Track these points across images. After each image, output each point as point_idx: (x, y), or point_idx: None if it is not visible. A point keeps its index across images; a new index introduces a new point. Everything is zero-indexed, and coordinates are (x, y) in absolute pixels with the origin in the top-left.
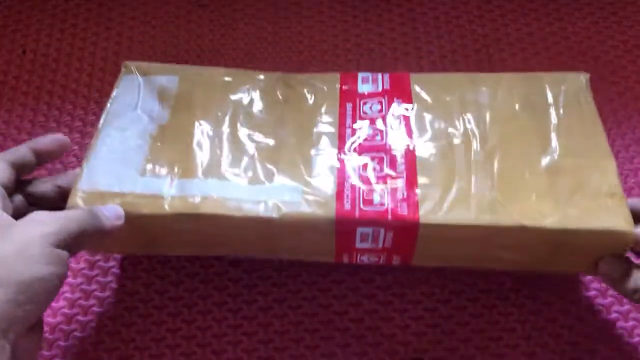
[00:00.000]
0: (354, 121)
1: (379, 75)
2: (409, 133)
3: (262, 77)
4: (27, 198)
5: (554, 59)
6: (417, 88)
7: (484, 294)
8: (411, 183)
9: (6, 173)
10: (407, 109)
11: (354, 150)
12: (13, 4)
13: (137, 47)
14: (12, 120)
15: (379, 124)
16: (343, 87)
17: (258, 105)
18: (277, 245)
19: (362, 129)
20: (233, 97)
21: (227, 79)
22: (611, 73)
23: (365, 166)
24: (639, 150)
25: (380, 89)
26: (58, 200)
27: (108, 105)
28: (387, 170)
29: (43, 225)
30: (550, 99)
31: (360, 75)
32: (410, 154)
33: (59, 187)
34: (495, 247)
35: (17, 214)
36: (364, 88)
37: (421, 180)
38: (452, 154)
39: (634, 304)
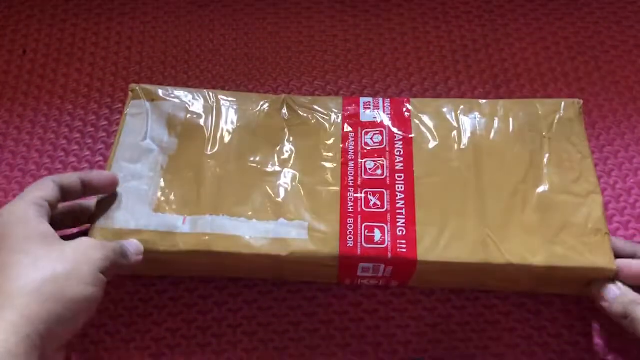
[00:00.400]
0: (355, 154)
1: (380, 101)
2: (409, 167)
3: (266, 100)
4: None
5: (554, 59)
6: (416, 117)
7: (484, 293)
8: (410, 220)
9: (54, 192)
10: (407, 142)
11: (356, 185)
12: (13, 4)
13: (137, 47)
14: (12, 121)
15: (380, 156)
16: (345, 115)
17: (264, 133)
18: (284, 273)
19: (364, 162)
20: (239, 124)
21: (232, 103)
22: (611, 73)
23: (367, 202)
24: (638, 150)
25: (381, 117)
26: (72, 223)
27: (118, 135)
28: (387, 207)
29: (94, 250)
30: (544, 130)
31: (362, 100)
32: (409, 189)
33: (77, 215)
34: (487, 278)
35: None
36: (365, 116)
37: (419, 216)
38: (449, 189)
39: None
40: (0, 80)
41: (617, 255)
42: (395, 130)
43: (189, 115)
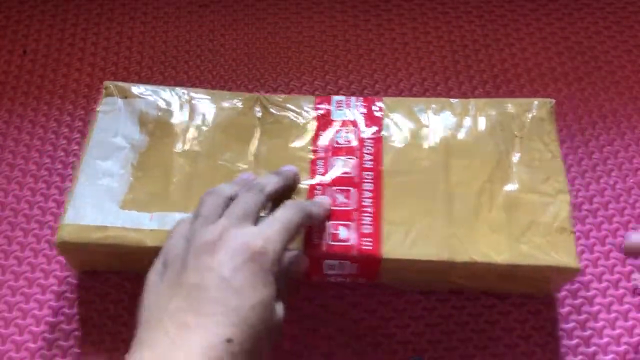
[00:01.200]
0: (326, 153)
1: (352, 100)
2: (378, 166)
3: (239, 99)
4: None
5: (554, 59)
6: (388, 116)
7: (483, 293)
8: (377, 218)
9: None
10: (377, 140)
11: (326, 183)
12: (13, 4)
13: (137, 47)
14: (13, 121)
15: (351, 155)
16: (318, 113)
17: (235, 131)
18: None
19: (334, 160)
20: (211, 123)
21: (205, 101)
22: (611, 73)
23: (334, 200)
24: (638, 151)
25: (352, 116)
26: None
27: (90, 133)
28: (355, 205)
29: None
30: (515, 129)
31: (335, 99)
32: (378, 188)
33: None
34: (453, 276)
35: None
36: (337, 115)
37: (387, 215)
38: (417, 188)
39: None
40: (0, 80)
41: None
42: (366, 129)
43: (160, 113)
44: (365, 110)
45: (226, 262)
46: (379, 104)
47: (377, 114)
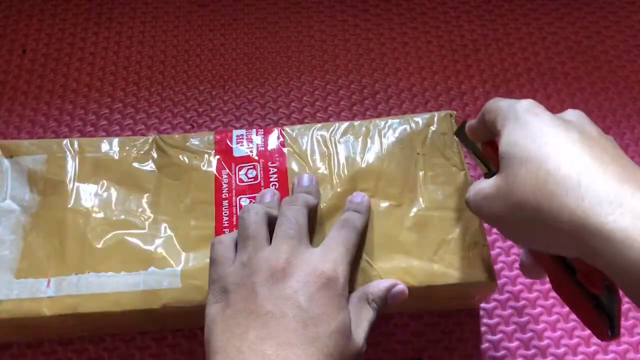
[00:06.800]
0: (230, 192)
1: (253, 133)
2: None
3: (134, 143)
4: None
5: (554, 59)
6: (290, 147)
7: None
8: None
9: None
10: (282, 173)
11: (232, 224)
12: (13, 3)
13: (137, 47)
14: (12, 120)
15: (256, 192)
16: (217, 150)
17: (131, 179)
18: (167, 324)
19: (239, 199)
20: (105, 172)
21: (96, 150)
22: (611, 73)
23: None
24: (638, 151)
25: (254, 151)
26: None
27: None
28: None
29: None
30: (417, 147)
31: (235, 133)
32: None
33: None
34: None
35: None
36: (239, 151)
37: None
38: (324, 216)
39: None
40: (0, 80)
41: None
42: (269, 163)
43: (50, 169)
44: (267, 144)
45: (300, 289)
46: (281, 134)
47: (280, 145)
